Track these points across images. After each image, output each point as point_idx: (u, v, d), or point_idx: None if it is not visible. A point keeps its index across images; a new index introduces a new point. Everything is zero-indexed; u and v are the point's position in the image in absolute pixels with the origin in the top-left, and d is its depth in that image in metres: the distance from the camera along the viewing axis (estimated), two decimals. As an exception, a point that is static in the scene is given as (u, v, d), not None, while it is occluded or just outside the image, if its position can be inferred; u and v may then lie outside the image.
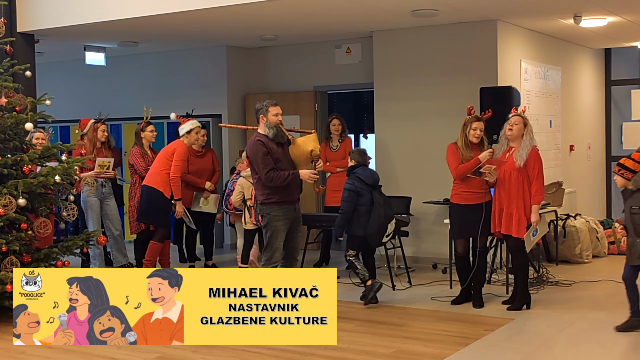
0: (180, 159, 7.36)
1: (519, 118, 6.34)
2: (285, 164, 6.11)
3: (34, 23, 8.31)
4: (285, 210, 6.11)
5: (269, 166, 6.02)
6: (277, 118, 6.11)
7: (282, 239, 6.13)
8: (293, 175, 6.06)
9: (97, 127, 8.06)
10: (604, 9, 7.90)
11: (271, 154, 6.06)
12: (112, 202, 8.05)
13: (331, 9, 7.65)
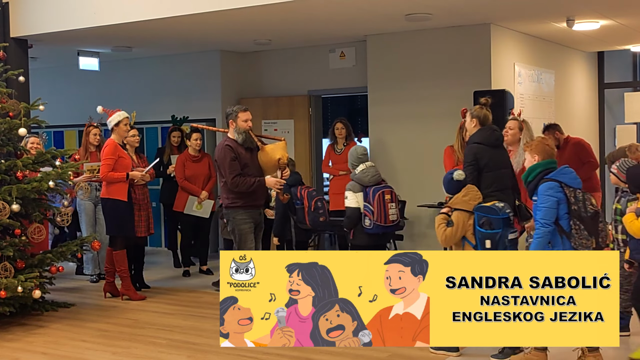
0: (107, 157, 6.98)
1: (515, 122, 6.34)
2: (253, 170, 6.14)
3: (28, 28, 8.30)
4: (251, 213, 6.17)
5: (236, 171, 6.08)
6: (246, 124, 6.13)
7: (252, 241, 6.18)
8: (259, 182, 6.10)
9: (90, 131, 8.04)
10: (597, 13, 7.92)
11: (239, 159, 6.11)
12: None
13: (325, 14, 7.65)
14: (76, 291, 7.81)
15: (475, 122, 5.74)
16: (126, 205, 7.13)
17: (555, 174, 4.89)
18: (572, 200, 4.74)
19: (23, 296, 6.32)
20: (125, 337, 5.96)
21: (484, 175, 5.50)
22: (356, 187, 6.14)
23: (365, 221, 6.07)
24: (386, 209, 6.03)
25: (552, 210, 4.75)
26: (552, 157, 5.00)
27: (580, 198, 4.77)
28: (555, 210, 4.75)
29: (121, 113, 7.18)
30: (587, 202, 4.77)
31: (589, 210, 4.74)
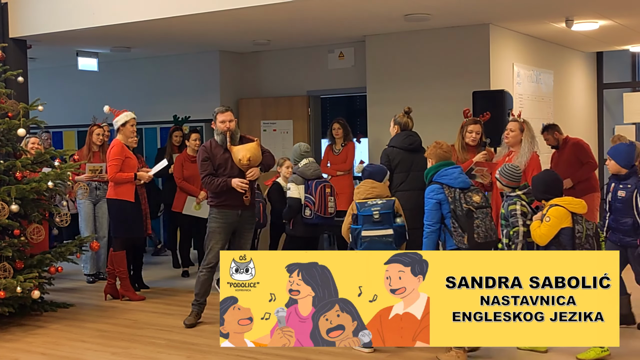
0: (114, 157, 6.96)
1: (515, 124, 6.33)
2: (228, 170, 6.11)
3: (26, 29, 8.30)
4: (225, 214, 6.14)
5: (206, 171, 6.14)
6: (224, 125, 6.11)
7: (216, 241, 6.15)
8: (225, 183, 6.08)
9: (93, 131, 8.05)
10: (596, 13, 7.93)
11: (213, 159, 6.13)
12: (104, 206, 8.00)
13: (324, 14, 7.66)
14: (75, 291, 7.81)
15: (397, 128, 6.37)
16: (133, 205, 7.15)
17: (437, 176, 5.25)
18: (450, 200, 5.10)
19: (22, 296, 6.31)
20: (124, 337, 5.96)
21: (395, 175, 6.04)
22: (298, 180, 6.64)
23: (306, 211, 6.55)
24: (326, 201, 6.57)
25: (433, 212, 5.16)
26: (446, 160, 5.35)
27: (458, 197, 5.10)
28: (437, 211, 5.15)
29: (128, 113, 7.18)
30: (463, 201, 5.09)
31: (464, 208, 5.06)
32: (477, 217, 5.07)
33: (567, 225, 5.04)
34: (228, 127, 6.10)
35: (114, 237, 7.21)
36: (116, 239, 7.17)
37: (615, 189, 5.60)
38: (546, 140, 8.02)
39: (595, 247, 5.06)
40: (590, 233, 5.07)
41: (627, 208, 5.51)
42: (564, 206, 5.09)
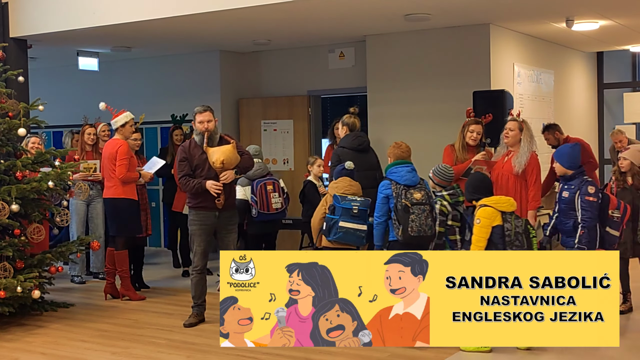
0: (123, 157, 6.96)
1: (515, 123, 6.33)
2: (205, 172, 6.05)
3: (27, 28, 8.30)
4: (202, 216, 6.10)
5: (183, 172, 6.11)
6: (202, 125, 6.06)
7: (198, 244, 6.14)
8: (199, 185, 6.03)
9: (84, 131, 8.04)
10: (596, 13, 7.93)
11: (190, 160, 6.09)
12: (99, 206, 8.00)
13: (324, 14, 7.66)
14: (75, 291, 7.81)
15: (345, 129, 6.73)
16: (137, 204, 7.22)
17: (388, 172, 5.71)
18: (395, 195, 5.54)
19: (22, 296, 6.31)
20: (124, 337, 5.95)
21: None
22: (244, 182, 7.03)
23: (252, 211, 6.97)
24: (268, 198, 6.89)
25: (381, 205, 5.62)
26: (403, 159, 5.78)
27: (401, 193, 5.53)
28: (385, 204, 5.61)
29: (127, 114, 7.17)
30: (403, 197, 5.50)
31: (403, 203, 5.48)
32: (413, 212, 5.45)
33: (498, 223, 5.20)
34: (206, 128, 6.04)
35: (116, 237, 7.19)
36: (119, 238, 7.17)
37: (560, 190, 5.67)
38: (547, 140, 8.02)
39: (525, 244, 5.18)
40: (520, 230, 5.19)
41: (570, 209, 5.56)
42: (491, 205, 5.24)
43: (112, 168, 7.02)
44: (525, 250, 5.15)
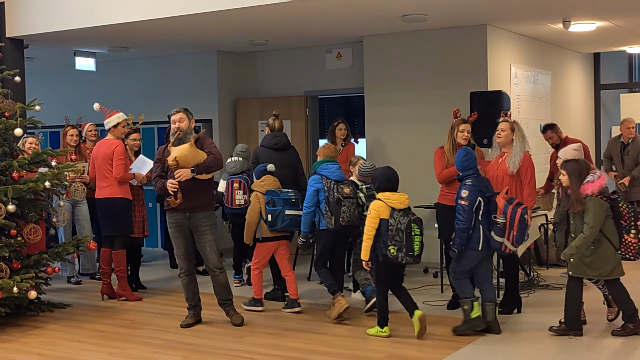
0: (120, 157, 7.00)
1: (506, 124, 6.35)
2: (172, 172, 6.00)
3: (24, 28, 8.29)
4: (175, 218, 6.09)
5: (155, 173, 6.13)
6: (174, 125, 6.04)
7: (177, 246, 6.13)
8: (163, 185, 6.00)
9: (67, 132, 8.02)
10: (593, 14, 7.94)
11: (163, 161, 6.08)
12: (84, 207, 7.98)
13: (321, 14, 7.66)
14: (72, 292, 7.80)
15: (267, 130, 7.37)
16: (130, 203, 7.22)
17: (319, 169, 6.39)
18: (326, 189, 6.23)
19: (19, 297, 6.30)
20: (121, 337, 5.95)
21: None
22: (225, 177, 7.57)
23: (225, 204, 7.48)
24: (233, 194, 7.27)
25: (311, 197, 6.31)
26: (330, 158, 6.48)
27: (332, 187, 6.24)
28: (315, 197, 6.31)
29: (120, 115, 7.16)
30: (335, 191, 6.21)
31: (335, 196, 6.19)
32: (344, 204, 6.19)
33: (385, 217, 5.60)
34: (178, 127, 6.00)
35: (113, 237, 7.18)
36: (117, 238, 7.17)
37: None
38: (550, 139, 8.01)
39: (404, 240, 5.51)
40: (402, 227, 5.54)
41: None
42: (383, 200, 5.64)
43: (107, 168, 7.01)
44: (405, 246, 5.52)
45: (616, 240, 5.49)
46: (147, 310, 6.88)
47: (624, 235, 5.51)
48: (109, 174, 7.01)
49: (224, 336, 5.88)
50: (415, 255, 5.59)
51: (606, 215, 5.44)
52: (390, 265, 5.67)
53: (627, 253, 5.53)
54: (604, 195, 5.47)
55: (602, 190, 5.46)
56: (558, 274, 7.91)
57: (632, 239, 5.49)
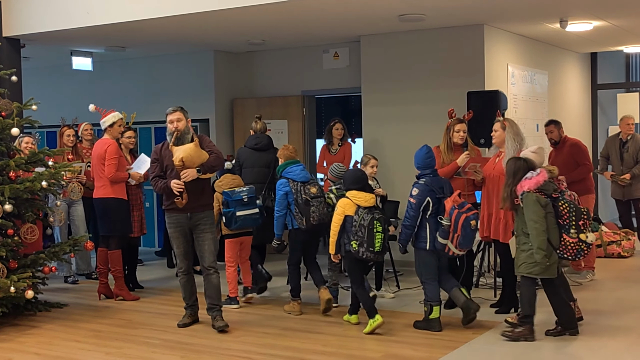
0: (112, 157, 6.98)
1: (497, 124, 6.37)
2: (175, 172, 5.95)
3: (20, 28, 8.28)
4: (175, 218, 6.05)
5: (154, 173, 6.09)
6: (171, 125, 5.99)
7: (177, 247, 6.12)
8: (165, 185, 5.97)
9: (63, 132, 8.02)
10: (590, 14, 7.95)
11: (161, 160, 6.06)
12: (80, 207, 7.97)
13: (318, 14, 7.66)
14: (69, 291, 7.79)
15: (251, 132, 7.69)
16: (127, 204, 7.20)
17: (284, 172, 6.54)
18: (294, 191, 6.40)
19: (16, 296, 6.30)
20: (118, 337, 5.94)
21: (243, 170, 7.41)
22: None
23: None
24: None
25: (279, 201, 6.48)
26: (292, 159, 6.61)
27: (299, 189, 6.41)
28: (284, 200, 6.45)
29: (116, 114, 7.14)
30: (303, 192, 6.39)
31: (303, 197, 6.37)
32: (312, 204, 6.37)
33: (350, 214, 5.89)
34: (176, 127, 5.95)
35: (109, 237, 7.18)
36: (111, 238, 7.16)
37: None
38: (550, 133, 8.00)
39: (366, 237, 5.77)
40: (365, 224, 5.78)
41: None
42: (350, 198, 5.93)
43: (101, 168, 7.02)
44: (366, 242, 5.74)
45: (555, 239, 5.48)
46: (145, 310, 6.87)
47: (563, 234, 5.47)
48: (103, 173, 7.01)
49: (221, 336, 5.88)
50: (376, 251, 5.80)
51: (548, 212, 5.46)
52: (354, 260, 5.97)
53: (565, 253, 5.47)
54: (544, 193, 5.48)
55: (542, 186, 5.47)
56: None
57: (571, 239, 5.44)
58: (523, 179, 5.51)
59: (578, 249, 5.46)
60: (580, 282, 7.57)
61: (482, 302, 6.67)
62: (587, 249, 5.49)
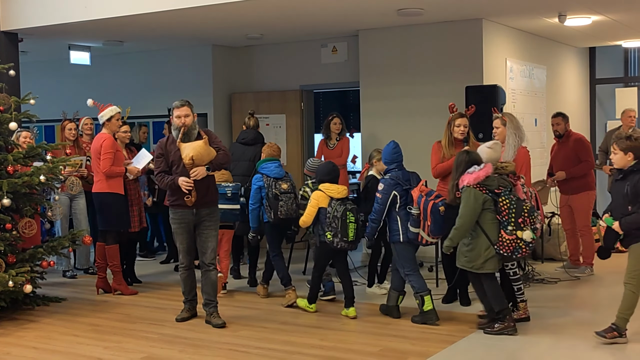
0: (107, 151, 6.93)
1: (497, 121, 6.38)
2: (181, 168, 5.92)
3: (18, 22, 8.26)
4: (180, 214, 6.03)
5: (159, 168, 6.05)
6: (179, 120, 5.95)
7: (180, 242, 6.10)
8: (172, 182, 5.94)
9: (65, 126, 8.01)
10: (589, 8, 7.94)
11: (167, 156, 6.02)
12: (82, 201, 7.97)
13: (317, 8, 7.64)
14: (67, 286, 7.79)
15: (244, 127, 8.03)
16: (124, 199, 7.16)
17: (260, 168, 6.81)
18: (266, 186, 6.69)
19: (14, 291, 6.29)
20: (116, 331, 5.95)
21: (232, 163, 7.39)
22: None
23: None
24: None
25: (254, 194, 6.73)
26: (274, 157, 6.90)
27: (271, 184, 6.68)
28: (258, 194, 6.73)
29: (113, 108, 7.13)
30: (273, 187, 6.65)
31: (273, 192, 6.64)
32: (281, 199, 6.64)
33: (323, 206, 6.17)
34: (183, 123, 5.92)
35: (106, 232, 7.18)
36: (109, 232, 7.16)
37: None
38: (557, 125, 7.98)
39: (339, 227, 6.04)
40: (338, 215, 6.05)
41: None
42: (323, 191, 6.21)
43: (99, 163, 7.02)
44: (340, 232, 6.03)
45: (494, 234, 5.49)
46: (143, 305, 6.88)
47: (501, 230, 5.49)
48: (99, 168, 7.01)
49: (220, 330, 5.88)
50: (349, 240, 6.11)
51: (486, 208, 5.48)
52: (329, 251, 6.25)
53: (501, 249, 5.48)
54: (486, 188, 5.50)
55: (484, 182, 5.49)
56: (553, 269, 7.94)
57: (507, 236, 5.45)
58: (465, 173, 5.56)
59: (515, 246, 5.47)
60: (579, 277, 7.59)
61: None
62: (526, 247, 5.49)
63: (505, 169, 5.71)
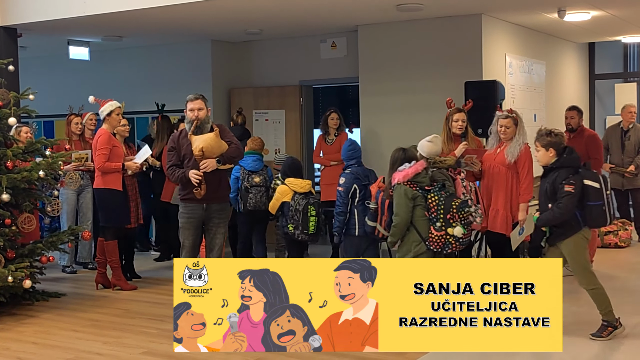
0: (102, 147, 6.91)
1: (509, 120, 6.20)
2: (192, 161, 5.91)
3: (17, 17, 8.25)
4: (190, 209, 6.02)
5: (171, 162, 6.04)
6: (192, 113, 5.93)
7: (186, 237, 6.07)
8: (183, 175, 5.91)
9: (71, 121, 8.02)
10: (588, 3, 7.94)
11: (178, 149, 6.00)
12: (88, 195, 7.98)
13: (316, 3, 7.64)
14: (67, 281, 7.80)
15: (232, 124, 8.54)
16: (122, 195, 7.14)
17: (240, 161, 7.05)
18: (241, 178, 7.16)
19: (13, 286, 6.30)
20: (116, 326, 5.96)
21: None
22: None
23: None
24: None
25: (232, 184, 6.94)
26: (255, 151, 7.35)
27: (246, 177, 7.15)
28: (235, 184, 7.15)
29: (113, 103, 7.12)
30: (246, 180, 7.15)
31: (245, 185, 7.13)
32: (251, 192, 7.15)
33: (287, 200, 6.57)
34: (197, 116, 5.90)
35: (105, 227, 7.19)
36: (107, 228, 7.16)
37: None
38: (571, 118, 7.97)
39: (301, 220, 6.46)
40: (300, 208, 6.47)
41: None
42: (287, 185, 6.56)
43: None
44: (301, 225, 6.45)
45: (424, 231, 5.57)
46: (142, 300, 6.88)
47: (430, 227, 5.57)
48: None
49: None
50: (310, 233, 6.51)
51: (417, 205, 5.56)
52: (294, 242, 6.68)
53: (432, 245, 5.56)
54: (417, 185, 5.57)
55: (414, 179, 5.57)
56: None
57: (436, 232, 5.53)
58: (397, 170, 5.65)
59: (445, 242, 5.55)
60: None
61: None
62: (456, 242, 5.55)
63: (444, 162, 5.83)
